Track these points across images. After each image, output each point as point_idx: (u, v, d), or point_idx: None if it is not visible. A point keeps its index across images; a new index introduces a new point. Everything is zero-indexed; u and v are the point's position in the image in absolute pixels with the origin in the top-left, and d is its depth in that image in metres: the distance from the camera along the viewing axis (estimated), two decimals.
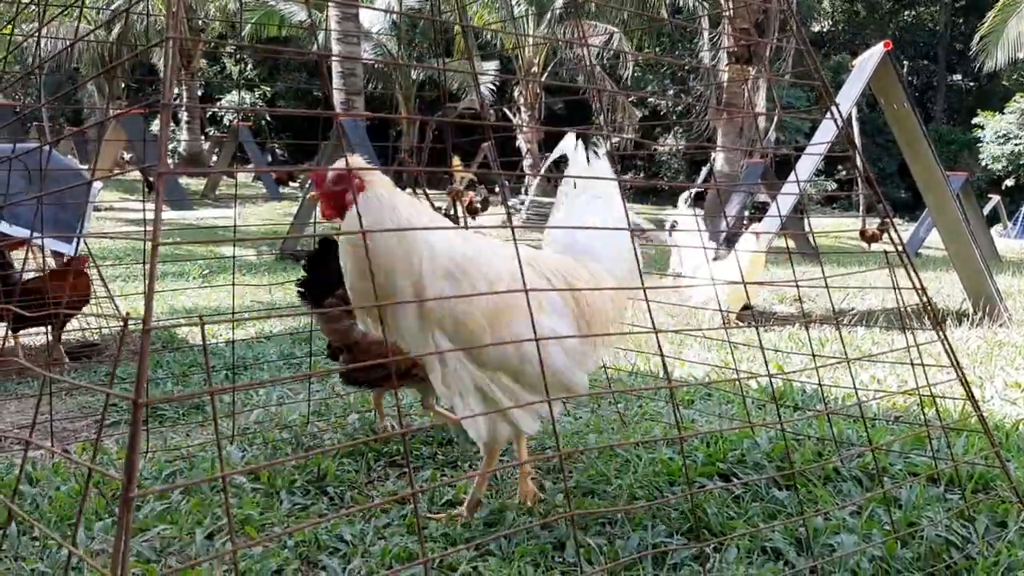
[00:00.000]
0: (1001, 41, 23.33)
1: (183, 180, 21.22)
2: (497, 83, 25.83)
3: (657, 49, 26.49)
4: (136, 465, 1.17)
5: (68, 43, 11.82)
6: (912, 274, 2.33)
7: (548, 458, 2.82)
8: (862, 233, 14.37)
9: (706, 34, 21.16)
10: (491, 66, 24.92)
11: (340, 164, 2.08)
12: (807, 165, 6.76)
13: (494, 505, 2.43)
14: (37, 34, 2.46)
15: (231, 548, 1.23)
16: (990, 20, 23.75)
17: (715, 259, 5.94)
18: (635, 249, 2.48)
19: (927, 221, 12.16)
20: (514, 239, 1.89)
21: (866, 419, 2.52)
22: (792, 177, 5.72)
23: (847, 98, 6.51)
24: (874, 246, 13.33)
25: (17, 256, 5.23)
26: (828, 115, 2.31)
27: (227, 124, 30.19)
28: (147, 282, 1.22)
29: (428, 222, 2.19)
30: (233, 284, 3.73)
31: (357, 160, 2.11)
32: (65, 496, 2.51)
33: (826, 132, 6.57)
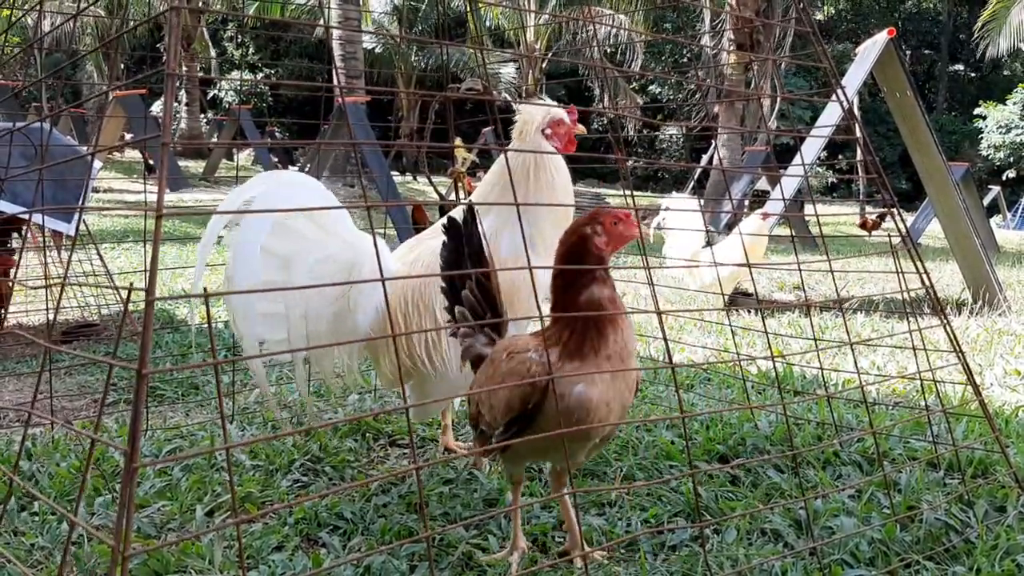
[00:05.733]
0: (1004, 28, 22.99)
1: (181, 162, 21.15)
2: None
3: (661, 31, 26.37)
4: (139, 436, 1.16)
5: (66, 18, 11.74)
6: (915, 259, 2.32)
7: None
8: (862, 224, 14.36)
9: (707, 17, 21.05)
10: (507, 56, 24.66)
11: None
12: (811, 148, 6.73)
13: (493, 485, 2.43)
14: (39, 10, 2.44)
15: (232, 522, 1.22)
16: (992, 6, 23.43)
17: (706, 245, 5.87)
18: None
19: (927, 211, 12.14)
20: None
21: (867, 404, 2.53)
22: (796, 160, 5.69)
23: (850, 85, 6.46)
24: (873, 235, 13.31)
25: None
26: (833, 98, 2.30)
27: (227, 107, 30.05)
28: (151, 253, 1.21)
29: None
30: None
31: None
32: (65, 472, 2.51)
33: (830, 116, 6.54)
